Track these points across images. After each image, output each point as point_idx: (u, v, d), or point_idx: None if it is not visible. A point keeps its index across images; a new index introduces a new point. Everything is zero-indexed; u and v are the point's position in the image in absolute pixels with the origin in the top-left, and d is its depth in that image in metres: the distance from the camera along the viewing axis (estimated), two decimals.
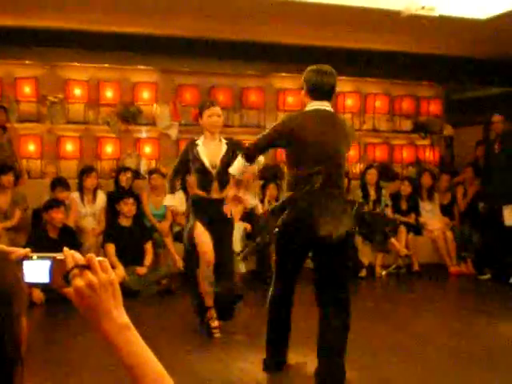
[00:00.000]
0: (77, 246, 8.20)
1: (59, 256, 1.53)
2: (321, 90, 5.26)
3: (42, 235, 8.41)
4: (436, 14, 8.50)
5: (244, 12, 9.22)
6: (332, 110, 5.34)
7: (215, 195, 6.68)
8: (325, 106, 5.26)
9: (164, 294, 8.77)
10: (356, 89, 12.61)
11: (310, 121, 5.17)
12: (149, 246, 9.19)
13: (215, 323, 6.67)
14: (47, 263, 1.53)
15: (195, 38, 10.63)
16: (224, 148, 6.72)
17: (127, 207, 9.17)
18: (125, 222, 9.20)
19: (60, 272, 1.52)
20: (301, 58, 11.01)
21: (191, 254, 6.80)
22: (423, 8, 8.33)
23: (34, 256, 1.54)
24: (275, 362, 5.52)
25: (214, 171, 6.65)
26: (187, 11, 9.22)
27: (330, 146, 5.16)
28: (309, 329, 5.43)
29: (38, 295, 7.93)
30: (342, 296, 5.12)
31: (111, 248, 8.89)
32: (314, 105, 5.25)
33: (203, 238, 6.59)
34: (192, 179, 7.02)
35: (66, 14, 9.46)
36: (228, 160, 6.52)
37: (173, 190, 7.02)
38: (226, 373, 5.56)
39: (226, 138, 6.86)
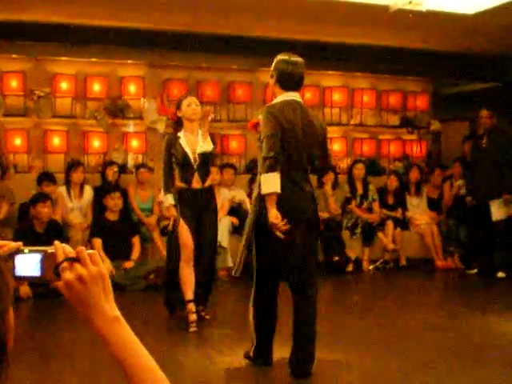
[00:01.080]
0: (63, 240, 8.15)
1: (50, 249, 1.52)
2: (291, 81, 5.35)
3: (28, 230, 8.38)
4: (423, 8, 8.51)
5: (231, 6, 9.20)
6: (301, 100, 5.43)
7: (196, 185, 6.81)
8: (295, 96, 5.35)
9: (152, 289, 8.76)
10: (343, 83, 12.62)
11: (287, 112, 5.21)
12: (136, 241, 9.19)
13: (193, 317, 6.67)
14: (38, 257, 1.52)
15: (182, 32, 10.61)
16: (201, 140, 6.86)
17: (113, 201, 9.16)
18: (112, 217, 9.19)
19: (51, 265, 1.51)
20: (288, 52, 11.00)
21: (174, 246, 6.90)
22: (410, 3, 8.34)
23: (26, 249, 1.53)
24: (264, 357, 5.55)
25: (195, 164, 6.79)
26: (175, 5, 9.19)
27: (307, 138, 5.27)
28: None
29: (24, 290, 7.90)
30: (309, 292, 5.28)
31: (98, 242, 8.88)
32: (285, 95, 5.32)
33: (185, 233, 6.70)
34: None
35: (53, 8, 9.42)
36: (205, 152, 6.81)
37: (169, 189, 7.03)
38: (214, 367, 5.56)
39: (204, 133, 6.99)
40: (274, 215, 4.98)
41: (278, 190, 4.97)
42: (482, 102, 11.03)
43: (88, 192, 9.74)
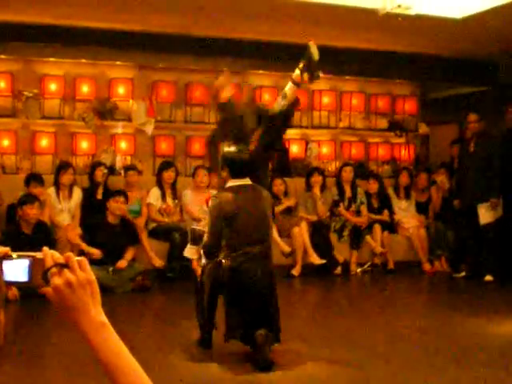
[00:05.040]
0: (51, 242, 8.16)
1: (39, 255, 1.53)
2: (240, 171, 5.89)
3: (15, 231, 8.36)
4: (412, 12, 8.52)
5: (221, 9, 9.20)
6: (250, 182, 5.92)
7: None
8: (244, 181, 5.88)
9: (139, 291, 8.74)
10: (332, 87, 12.62)
11: (232, 196, 5.77)
12: (132, 249, 9.15)
13: None
14: (26, 262, 1.53)
15: (172, 34, 10.59)
16: None
17: (116, 205, 9.11)
18: (112, 220, 9.13)
19: (39, 271, 1.51)
20: (277, 55, 11.01)
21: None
22: (399, 6, 8.35)
23: (14, 255, 1.53)
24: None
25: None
26: (164, 7, 9.19)
27: (254, 216, 5.81)
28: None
29: (12, 292, 7.88)
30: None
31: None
32: (235, 181, 5.87)
33: None
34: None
35: (42, 9, 9.39)
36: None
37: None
38: (204, 372, 5.55)
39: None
40: None
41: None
42: (470, 106, 11.07)
43: (77, 193, 9.72)
